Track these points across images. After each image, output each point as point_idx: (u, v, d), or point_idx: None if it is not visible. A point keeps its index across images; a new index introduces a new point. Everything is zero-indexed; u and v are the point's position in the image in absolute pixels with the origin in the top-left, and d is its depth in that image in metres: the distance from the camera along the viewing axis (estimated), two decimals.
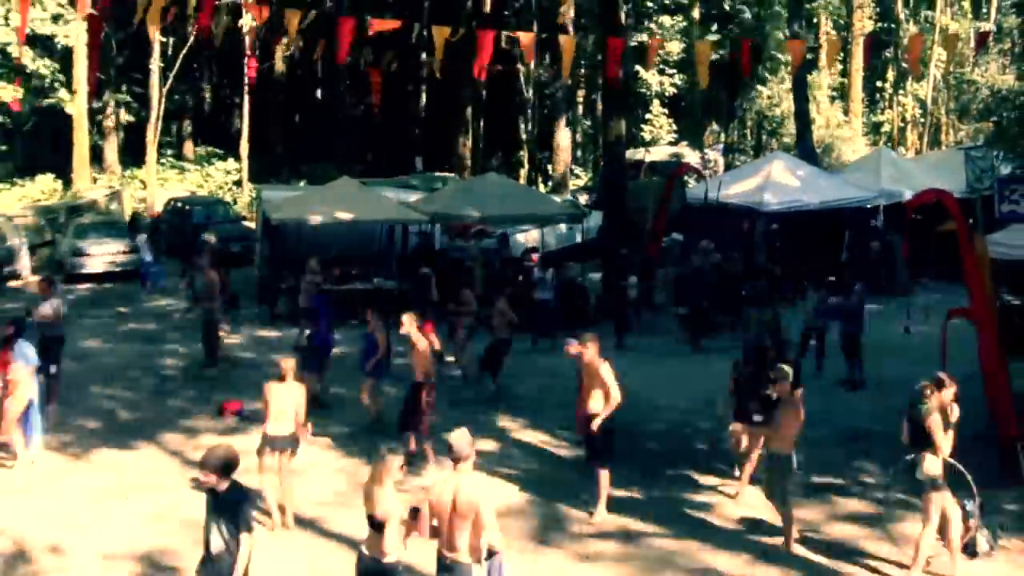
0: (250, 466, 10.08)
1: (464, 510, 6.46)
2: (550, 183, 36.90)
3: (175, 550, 9.08)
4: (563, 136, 36.66)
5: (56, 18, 31.78)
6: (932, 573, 8.86)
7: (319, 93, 43.45)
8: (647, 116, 38.22)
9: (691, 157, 35.02)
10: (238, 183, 35.89)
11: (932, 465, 8.45)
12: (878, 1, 45.57)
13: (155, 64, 33.20)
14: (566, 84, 36.75)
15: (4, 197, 31.77)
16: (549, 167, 38.31)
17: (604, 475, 9.96)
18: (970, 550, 9.05)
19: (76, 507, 10.14)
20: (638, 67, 36.15)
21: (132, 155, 40.01)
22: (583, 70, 40.45)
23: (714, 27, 38.48)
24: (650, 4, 37.85)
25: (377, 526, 6.58)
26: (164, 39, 33.48)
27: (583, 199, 31.75)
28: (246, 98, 35.20)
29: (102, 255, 23.82)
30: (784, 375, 9.35)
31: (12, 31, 30.30)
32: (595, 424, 9.69)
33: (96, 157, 36.12)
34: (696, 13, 38.54)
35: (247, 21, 27.81)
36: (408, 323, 11.35)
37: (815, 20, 42.61)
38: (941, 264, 19.20)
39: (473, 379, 14.94)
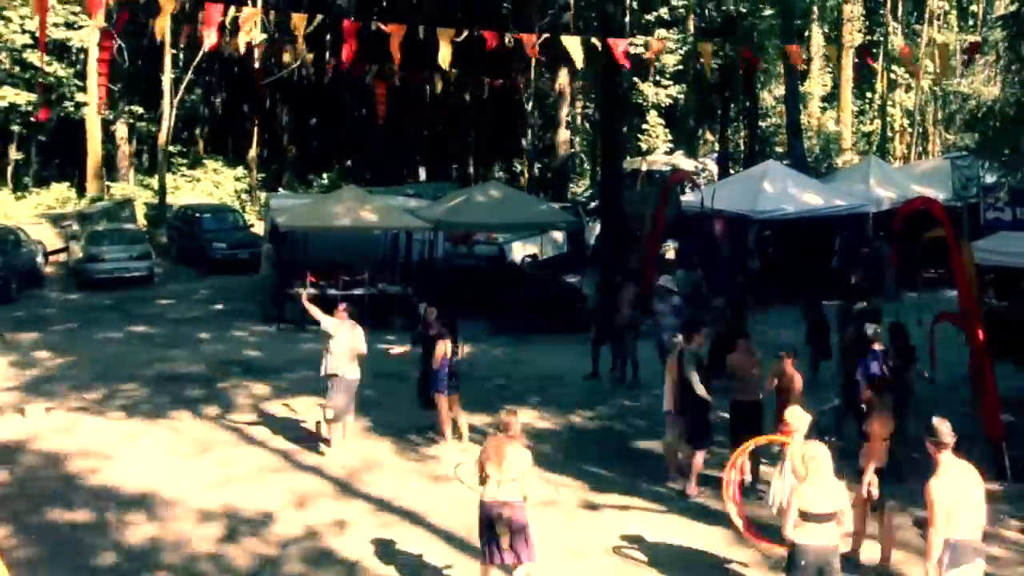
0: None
1: None
2: (550, 192, 36.90)
3: (247, 490, 10.61)
4: (562, 134, 36.50)
5: (70, 25, 31.94)
6: None
7: (326, 104, 43.51)
8: (643, 126, 38.25)
9: (686, 165, 35.02)
10: (248, 191, 35.95)
11: None
12: (867, 14, 45.66)
13: (166, 76, 33.31)
14: (565, 95, 36.73)
15: (20, 205, 31.82)
16: (548, 174, 38.32)
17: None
18: None
19: (158, 461, 11.57)
20: (635, 78, 36.18)
21: (144, 164, 40.15)
22: (580, 81, 40.49)
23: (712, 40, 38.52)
24: (648, 18, 37.92)
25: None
26: (175, 51, 33.59)
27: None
28: (255, 110, 35.28)
29: (115, 261, 23.86)
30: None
31: (30, 37, 30.48)
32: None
33: (109, 166, 36.18)
34: (691, 25, 38.61)
35: (256, 34, 27.86)
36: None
37: (807, 33, 42.69)
38: (928, 270, 19.27)
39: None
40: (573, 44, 15.46)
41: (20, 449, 11.90)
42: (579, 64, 16.79)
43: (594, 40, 16.79)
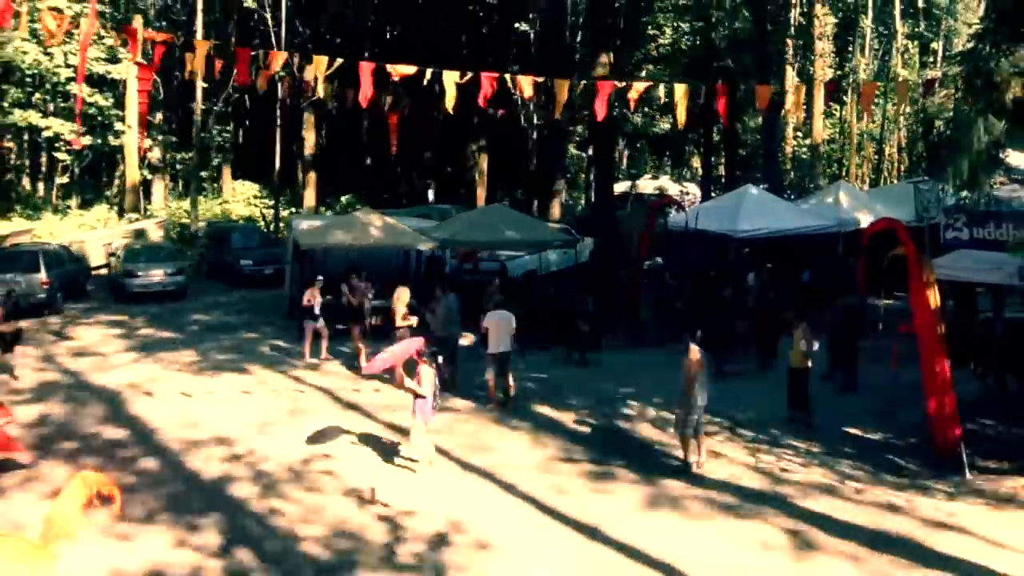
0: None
1: None
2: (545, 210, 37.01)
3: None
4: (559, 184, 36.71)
5: (110, 59, 32.13)
6: None
7: (345, 131, 43.71)
8: (632, 153, 38.40)
9: (672, 189, 35.19)
10: (272, 211, 36.07)
11: None
12: (838, 51, 45.86)
13: (198, 107, 33.51)
14: (562, 125, 36.89)
15: (64, 224, 31.95)
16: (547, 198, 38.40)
17: None
18: None
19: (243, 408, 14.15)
20: (624, 110, 36.33)
21: (178, 187, 40.27)
22: (577, 113, 40.64)
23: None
24: (638, 54, 38.10)
25: None
26: (206, 84, 33.77)
27: None
28: (278, 136, 35.42)
29: (151, 277, 23.92)
30: None
31: (73, 71, 30.66)
32: None
33: (145, 188, 36.33)
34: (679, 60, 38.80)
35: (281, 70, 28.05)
36: None
37: (780, 69, 42.85)
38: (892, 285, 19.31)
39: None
40: (562, 87, 15.55)
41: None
42: (565, 102, 16.99)
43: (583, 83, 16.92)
